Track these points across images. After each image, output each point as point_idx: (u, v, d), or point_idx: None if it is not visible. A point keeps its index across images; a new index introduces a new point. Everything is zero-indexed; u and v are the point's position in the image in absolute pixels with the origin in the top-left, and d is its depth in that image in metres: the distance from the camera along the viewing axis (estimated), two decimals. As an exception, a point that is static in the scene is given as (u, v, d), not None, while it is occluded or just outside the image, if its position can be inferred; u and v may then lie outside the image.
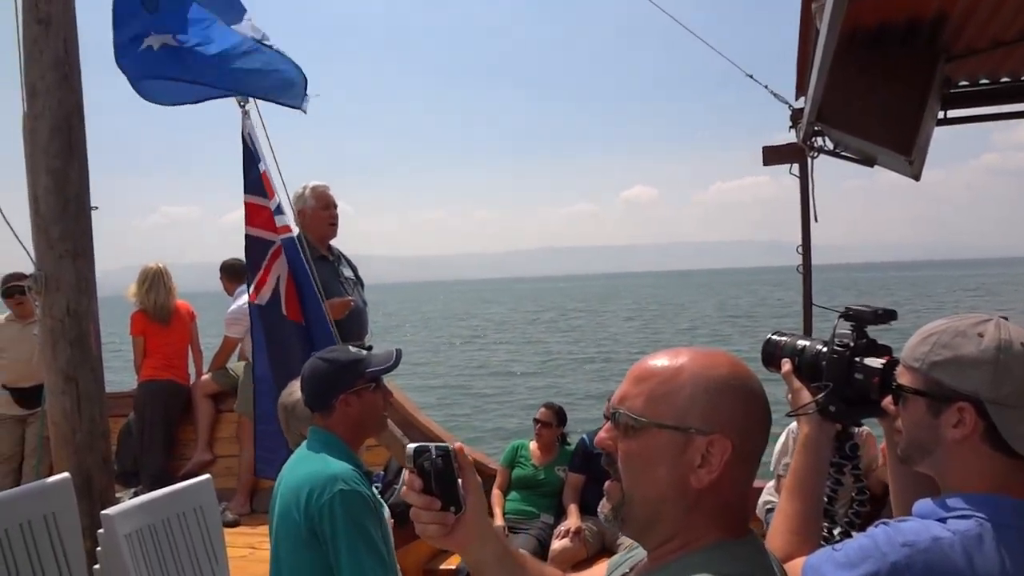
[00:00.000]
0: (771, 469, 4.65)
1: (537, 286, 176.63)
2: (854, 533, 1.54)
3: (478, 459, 5.36)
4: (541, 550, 4.70)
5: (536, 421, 5.18)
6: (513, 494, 5.09)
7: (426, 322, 52.39)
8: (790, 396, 1.68)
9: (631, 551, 1.29)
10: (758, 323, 36.13)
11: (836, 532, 1.62)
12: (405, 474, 1.16)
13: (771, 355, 1.71)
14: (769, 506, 4.57)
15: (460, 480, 1.16)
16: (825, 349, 1.60)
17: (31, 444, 5.59)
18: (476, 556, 1.19)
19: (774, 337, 1.73)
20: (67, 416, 3.27)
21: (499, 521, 4.89)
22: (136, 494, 5.21)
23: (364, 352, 2.37)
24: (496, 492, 5.09)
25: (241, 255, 6.04)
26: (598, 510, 1.18)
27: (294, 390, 3.16)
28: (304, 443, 2.34)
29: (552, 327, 43.49)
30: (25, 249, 3.30)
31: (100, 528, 2.63)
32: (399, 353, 2.40)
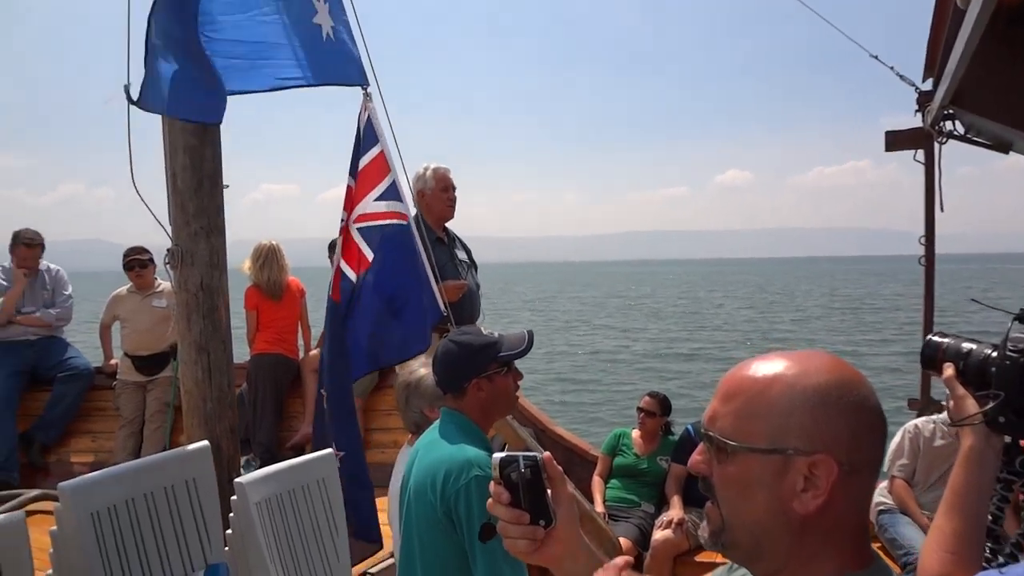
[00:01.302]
0: (884, 469, 4.49)
1: (627, 270, 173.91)
2: (1022, 557, 1.46)
3: (579, 446, 5.35)
4: (642, 539, 4.67)
5: (640, 410, 5.13)
6: (614, 482, 5.07)
7: (525, 304, 51.90)
8: (951, 403, 1.58)
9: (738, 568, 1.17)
10: (875, 316, 34.53)
11: (1001, 554, 1.53)
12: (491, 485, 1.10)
13: (931, 358, 1.62)
14: (882, 507, 4.42)
15: (550, 492, 1.10)
16: (995, 354, 1.51)
17: (151, 408, 5.90)
18: (569, 572, 1.13)
19: (935, 338, 1.64)
20: (198, 385, 3.40)
21: (599, 508, 4.88)
22: (248, 462, 5.44)
23: (497, 335, 2.36)
24: (596, 479, 5.08)
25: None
26: (699, 532, 1.09)
27: (414, 368, 3.21)
28: (436, 423, 2.37)
29: (652, 313, 42.50)
30: (162, 225, 3.42)
31: (229, 494, 2.74)
32: (531, 336, 2.38)
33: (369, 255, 3.47)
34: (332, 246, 6.00)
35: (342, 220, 3.57)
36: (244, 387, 5.74)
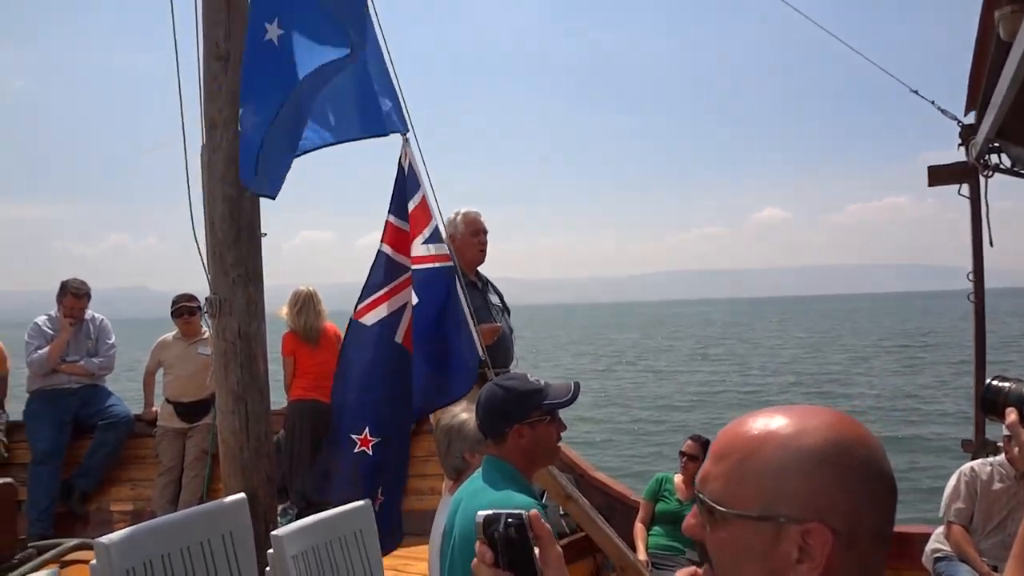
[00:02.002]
0: (940, 514, 4.31)
1: (666, 310, 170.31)
2: None
3: (620, 492, 5.23)
4: None
5: (682, 454, 5.01)
6: (656, 529, 4.93)
7: (562, 347, 50.52)
8: (1016, 449, 1.50)
9: None
10: (928, 353, 33.25)
11: None
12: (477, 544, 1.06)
13: (993, 402, 1.55)
14: (939, 554, 4.23)
15: (537, 551, 1.05)
16: None
17: (190, 456, 5.91)
18: None
19: (995, 383, 1.57)
20: (235, 434, 3.39)
21: (642, 556, 4.74)
22: (285, 510, 5.40)
23: (543, 383, 2.33)
24: (639, 526, 4.95)
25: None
26: None
27: (456, 412, 3.17)
28: (478, 471, 2.32)
29: (692, 354, 40.98)
30: (206, 275, 3.45)
31: (265, 546, 2.71)
32: (577, 387, 2.35)
33: (414, 299, 3.49)
34: None
35: (391, 258, 3.57)
36: (281, 433, 5.72)
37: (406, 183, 3.51)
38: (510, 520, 1.04)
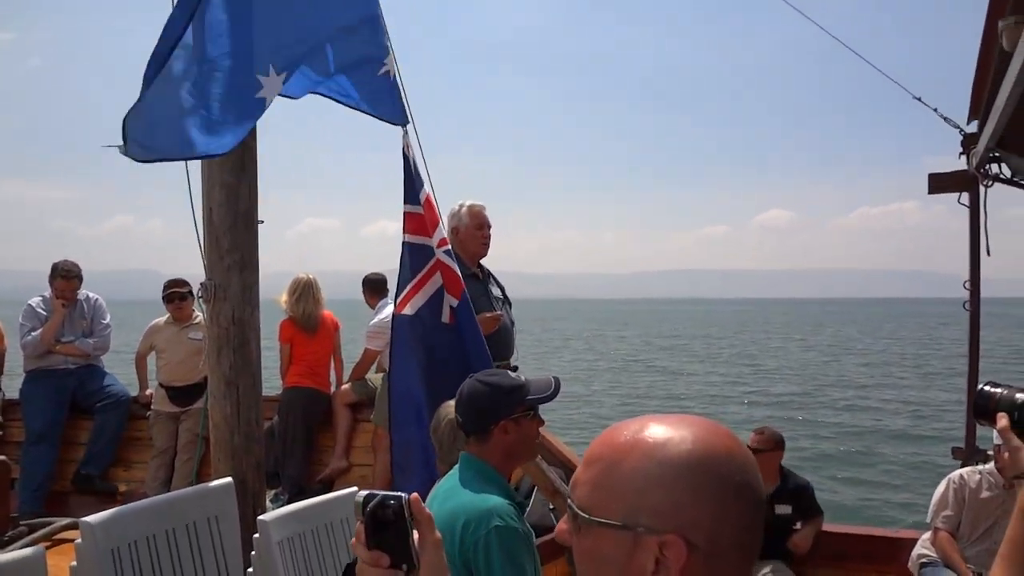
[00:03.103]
0: (927, 520, 4.32)
1: (669, 308, 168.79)
2: None
3: None
4: None
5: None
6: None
7: (565, 343, 49.33)
8: (1007, 455, 1.51)
9: None
10: (930, 363, 32.52)
11: None
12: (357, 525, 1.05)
13: (984, 408, 1.56)
14: (924, 560, 4.24)
15: (416, 534, 1.05)
16: None
17: (183, 439, 5.93)
18: None
19: (987, 388, 1.58)
20: (227, 420, 3.41)
21: None
22: (277, 496, 5.43)
23: (524, 378, 2.32)
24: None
25: (380, 268, 6.20)
26: None
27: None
28: (454, 469, 2.32)
29: (695, 354, 39.90)
30: (203, 260, 3.46)
31: (252, 530, 2.72)
32: (557, 383, 2.34)
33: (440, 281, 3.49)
34: (367, 282, 6.03)
35: (416, 245, 3.52)
36: (275, 420, 5.75)
37: (412, 172, 3.49)
38: (390, 501, 1.03)
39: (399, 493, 1.04)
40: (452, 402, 3.16)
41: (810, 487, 4.81)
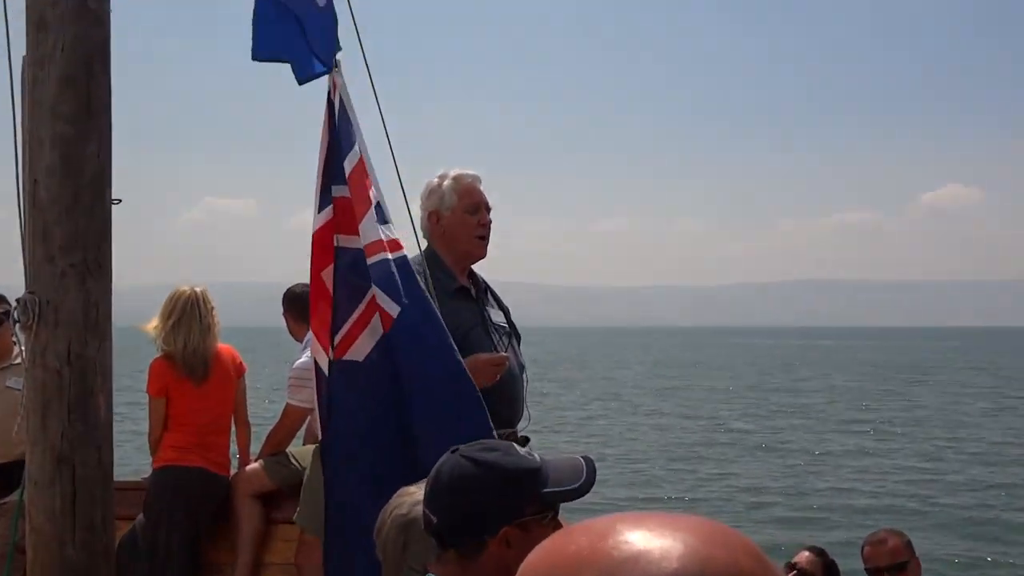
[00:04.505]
0: None
1: (779, 342, 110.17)
2: None
3: None
4: None
5: (792, 567, 4.07)
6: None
7: (606, 401, 27.19)
8: None
9: None
10: None
11: None
12: None
13: None
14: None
15: None
16: None
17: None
18: None
19: None
20: (54, 519, 2.30)
21: None
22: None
23: (540, 457, 1.70)
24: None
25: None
26: None
27: (415, 494, 2.10)
28: None
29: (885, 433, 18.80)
30: (24, 261, 2.39)
31: None
32: (590, 467, 1.69)
33: (394, 308, 2.58)
34: (291, 299, 4.59)
35: (350, 251, 2.66)
36: (139, 520, 4.16)
37: (339, 131, 2.53)
38: None
39: None
40: (415, 488, 2.11)
41: None
